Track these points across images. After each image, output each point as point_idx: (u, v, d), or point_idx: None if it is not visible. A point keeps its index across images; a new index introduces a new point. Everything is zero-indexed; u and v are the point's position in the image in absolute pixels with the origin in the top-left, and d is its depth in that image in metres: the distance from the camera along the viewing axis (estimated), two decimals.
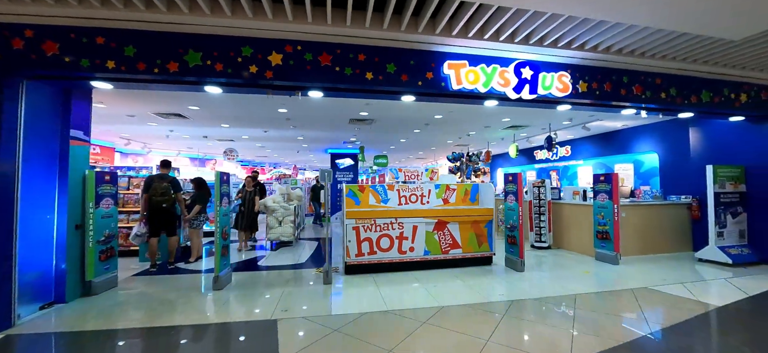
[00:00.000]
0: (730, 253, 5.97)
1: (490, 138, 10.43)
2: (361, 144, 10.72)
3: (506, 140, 11.15)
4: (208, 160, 13.79)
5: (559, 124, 8.41)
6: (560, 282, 5.07)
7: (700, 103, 5.25)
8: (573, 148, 10.53)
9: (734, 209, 6.27)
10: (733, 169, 6.33)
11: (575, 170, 11.03)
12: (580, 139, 10.42)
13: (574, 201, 7.44)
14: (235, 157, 10.48)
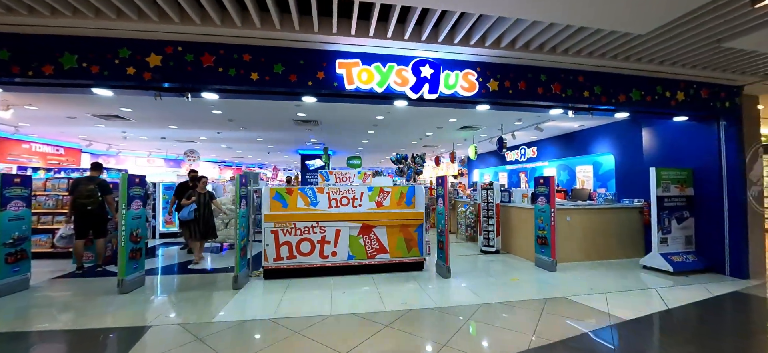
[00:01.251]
0: (672, 261, 5.60)
1: (455, 138, 10.15)
2: (325, 145, 10.59)
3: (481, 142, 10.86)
4: (182, 161, 13.87)
5: (511, 125, 8.09)
6: (479, 290, 4.81)
7: (630, 101, 4.92)
8: (539, 149, 10.16)
9: (680, 214, 5.88)
10: (680, 171, 5.95)
11: (541, 171, 10.64)
12: (545, 139, 10.04)
13: (522, 204, 7.13)
14: (196, 158, 10.46)
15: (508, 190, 7.49)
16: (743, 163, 5.45)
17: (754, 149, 5.62)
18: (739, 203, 5.43)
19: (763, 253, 5.63)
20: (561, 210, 6.49)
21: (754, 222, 5.55)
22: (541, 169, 10.39)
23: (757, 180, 5.62)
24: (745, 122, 5.56)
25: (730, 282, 5.16)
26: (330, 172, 6.10)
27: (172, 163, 14.12)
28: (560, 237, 6.37)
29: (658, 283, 5.12)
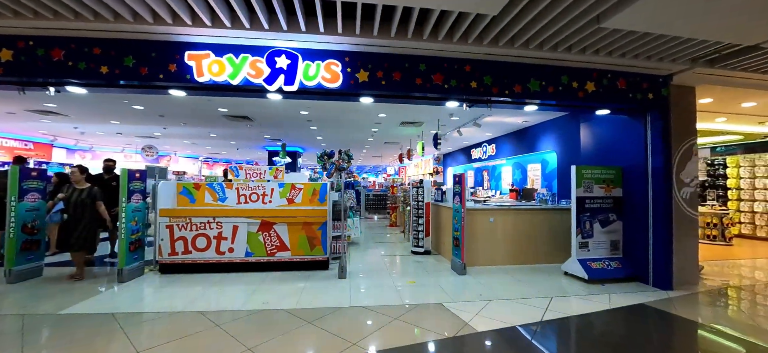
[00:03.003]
0: (590, 267, 5.09)
1: (398, 134, 9.71)
2: (283, 142, 10.51)
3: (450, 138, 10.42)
4: (162, 156, 14.22)
5: (447, 119, 7.63)
6: (359, 293, 4.55)
7: (528, 92, 4.46)
8: (497, 146, 9.61)
9: (605, 216, 5.34)
10: (607, 170, 5.39)
11: (500, 170, 10.05)
12: (502, 137, 9.48)
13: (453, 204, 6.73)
14: (154, 154, 10.66)
15: (440, 189, 7.11)
16: (670, 162, 4.85)
17: (687, 146, 5.00)
18: (663, 206, 4.84)
19: (694, 261, 5.01)
20: (484, 210, 6.08)
21: (685, 227, 4.94)
22: (500, 167, 9.82)
23: (689, 180, 5.00)
24: (676, 116, 4.94)
25: (648, 293, 4.61)
26: (240, 167, 5.98)
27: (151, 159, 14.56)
28: (483, 239, 5.98)
29: (565, 291, 4.65)
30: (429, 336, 3.32)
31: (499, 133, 9.27)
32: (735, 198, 9.55)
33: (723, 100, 5.89)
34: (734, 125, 7.97)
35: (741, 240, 8.93)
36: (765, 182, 8.93)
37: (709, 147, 10.25)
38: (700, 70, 4.66)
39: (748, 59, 4.42)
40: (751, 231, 9.18)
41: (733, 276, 5.57)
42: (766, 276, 5.61)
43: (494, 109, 6.77)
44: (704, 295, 4.55)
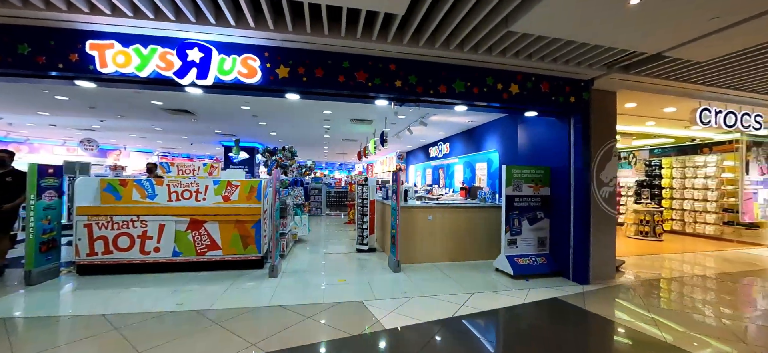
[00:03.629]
0: (517, 263, 5.26)
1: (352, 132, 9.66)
2: (237, 137, 10.22)
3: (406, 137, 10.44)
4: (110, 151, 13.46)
5: (395, 118, 7.67)
6: (286, 292, 4.47)
7: (453, 93, 4.52)
8: (451, 145, 9.77)
9: (533, 214, 5.53)
10: (536, 170, 5.57)
11: (453, 168, 10.24)
12: (455, 136, 9.65)
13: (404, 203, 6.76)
14: (94, 148, 10.07)
15: (385, 186, 7.13)
16: (589, 162, 5.07)
17: (607, 148, 5.25)
18: (583, 204, 5.06)
19: (612, 257, 5.28)
20: (424, 208, 6.15)
21: (604, 225, 5.19)
22: (453, 166, 10.01)
23: (608, 180, 5.25)
24: (597, 119, 5.17)
25: (565, 288, 4.81)
26: (171, 162, 5.73)
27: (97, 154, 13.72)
28: (422, 236, 6.04)
29: (490, 287, 4.78)
30: (332, 334, 3.30)
31: (452, 133, 9.42)
32: (668, 197, 10.18)
33: (646, 105, 6.22)
34: (665, 129, 8.47)
35: (672, 236, 9.54)
36: (693, 182, 9.57)
37: (647, 149, 10.87)
38: (617, 76, 4.89)
39: (657, 67, 4.68)
40: (680, 227, 9.83)
41: (649, 269, 5.92)
42: (678, 269, 6.00)
43: (438, 109, 6.84)
44: (614, 289, 4.80)
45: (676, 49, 3.97)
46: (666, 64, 4.57)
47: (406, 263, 5.90)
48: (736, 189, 8.39)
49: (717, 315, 3.92)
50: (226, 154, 11.70)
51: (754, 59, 4.38)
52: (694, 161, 9.60)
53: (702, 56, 4.18)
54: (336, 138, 10.88)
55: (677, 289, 4.91)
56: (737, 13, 3.19)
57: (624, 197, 11.42)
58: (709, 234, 9.13)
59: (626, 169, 11.75)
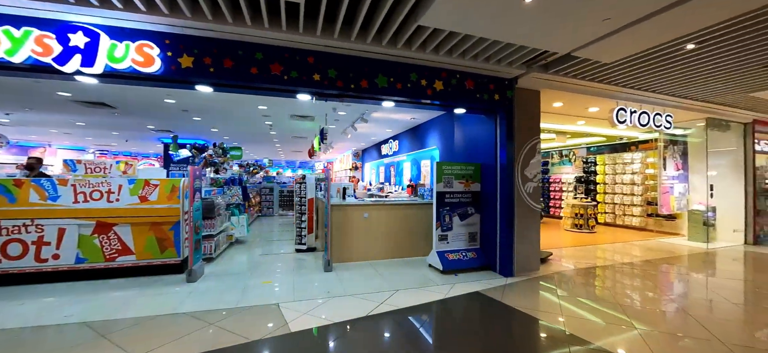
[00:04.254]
0: (446, 259, 5.29)
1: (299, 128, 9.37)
2: (175, 133, 9.58)
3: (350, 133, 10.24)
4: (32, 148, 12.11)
5: (335, 114, 7.53)
6: (200, 297, 4.17)
7: (375, 88, 4.43)
8: (399, 143, 9.78)
9: (464, 210, 5.59)
10: (466, 166, 5.64)
11: (402, 166, 10.29)
12: (403, 133, 9.68)
13: (338, 200, 6.60)
14: (3, 144, 9.04)
15: (322, 184, 6.94)
16: (514, 159, 5.20)
17: (531, 145, 5.40)
18: (507, 199, 5.18)
19: (536, 250, 5.46)
20: (360, 206, 6.03)
21: (528, 219, 5.34)
22: (402, 163, 10.05)
23: (533, 176, 5.41)
24: (522, 116, 5.30)
25: (490, 281, 4.89)
26: (77, 161, 5.19)
27: (15, 150, 12.30)
28: (359, 234, 5.93)
29: (418, 283, 4.74)
30: (230, 341, 3.08)
31: (400, 130, 9.41)
32: (602, 192, 10.84)
33: (571, 105, 6.51)
34: (595, 128, 8.96)
35: (604, 228, 10.16)
36: (622, 178, 10.25)
37: (584, 147, 11.51)
38: (538, 75, 5.03)
39: (572, 67, 4.87)
40: (612, 219, 10.50)
41: (573, 260, 6.20)
42: (602, 258, 6.33)
43: (375, 106, 6.74)
44: (535, 281, 4.94)
45: (582, 50, 4.12)
46: (580, 64, 4.76)
47: (341, 262, 5.76)
48: (656, 183, 9.07)
49: (621, 303, 4.13)
50: (166, 151, 10.95)
51: (655, 62, 4.67)
52: (623, 158, 10.28)
53: (607, 57, 4.39)
54: (285, 135, 10.51)
55: (591, 279, 5.14)
56: (627, 16, 3.34)
57: (564, 193, 12.04)
58: (635, 225, 9.82)
59: (567, 165, 12.40)
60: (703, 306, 4.05)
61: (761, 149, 8.48)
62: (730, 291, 4.58)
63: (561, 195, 12.14)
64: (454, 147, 6.62)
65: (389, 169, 10.94)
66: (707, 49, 4.18)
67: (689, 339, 3.24)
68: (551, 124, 8.20)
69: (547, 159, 13.02)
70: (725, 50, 4.22)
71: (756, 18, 3.47)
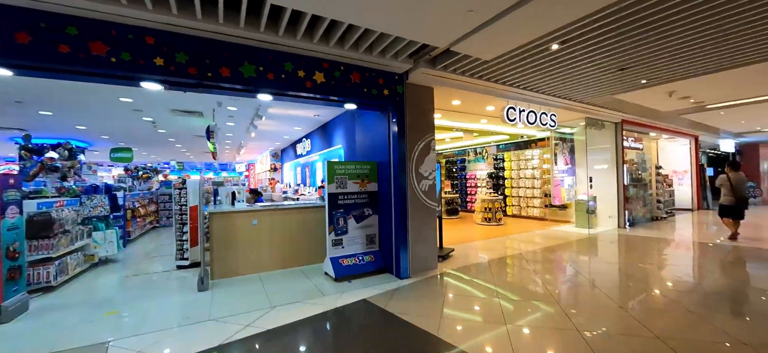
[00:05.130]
0: (340, 265, 4.89)
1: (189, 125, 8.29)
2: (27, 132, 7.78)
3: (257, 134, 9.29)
4: None
5: (225, 109, 6.74)
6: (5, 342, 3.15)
7: (240, 78, 3.82)
8: (312, 142, 9.25)
9: (360, 211, 5.26)
10: (362, 165, 5.32)
11: (315, 165, 9.81)
12: (313, 132, 9.19)
13: (229, 207, 5.79)
14: None
15: (215, 191, 6.09)
16: (407, 156, 5.00)
17: (426, 142, 5.28)
18: (401, 198, 4.97)
19: (433, 248, 5.36)
20: (248, 212, 5.34)
21: (425, 217, 5.21)
22: (315, 163, 9.54)
23: (428, 173, 5.30)
24: (415, 113, 5.14)
25: (385, 285, 4.60)
26: None
27: None
28: (246, 244, 5.23)
29: (301, 296, 4.24)
30: None
31: (311, 128, 8.86)
32: (510, 186, 11.55)
33: (470, 103, 6.61)
34: (497, 126, 9.42)
35: (512, 220, 10.80)
36: (525, 173, 11.02)
37: (495, 144, 12.17)
38: (428, 71, 4.88)
39: (457, 62, 4.80)
40: (518, 211, 11.24)
41: (474, 254, 6.28)
42: (500, 249, 6.51)
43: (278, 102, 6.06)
44: (428, 282, 4.79)
45: (460, 45, 4.03)
46: (465, 61, 4.72)
47: (224, 277, 5.03)
48: (550, 177, 9.87)
49: (504, 296, 4.12)
50: (21, 151, 8.81)
51: (532, 63, 4.82)
52: (525, 155, 11.05)
53: (487, 54, 4.38)
54: (183, 134, 9.19)
55: (483, 273, 5.17)
56: (488, 7, 3.25)
57: (479, 188, 12.61)
58: (536, 215, 10.61)
59: (481, 162, 13.00)
60: (578, 293, 4.23)
61: (629, 145, 9.72)
62: (604, 275, 4.93)
63: (476, 190, 12.70)
64: (355, 145, 6.27)
65: (305, 170, 10.28)
66: (571, 49, 4.39)
67: (559, 330, 3.26)
68: (457, 122, 8.36)
69: (463, 156, 13.55)
70: (586, 52, 4.48)
71: (607, 18, 3.65)
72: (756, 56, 4.74)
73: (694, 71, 5.35)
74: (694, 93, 6.76)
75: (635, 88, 6.16)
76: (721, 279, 4.71)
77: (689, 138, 12.43)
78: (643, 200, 9.87)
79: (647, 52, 4.56)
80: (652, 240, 7.31)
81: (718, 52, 4.60)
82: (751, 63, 4.95)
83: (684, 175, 12.80)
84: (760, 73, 5.46)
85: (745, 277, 4.81)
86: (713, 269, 5.22)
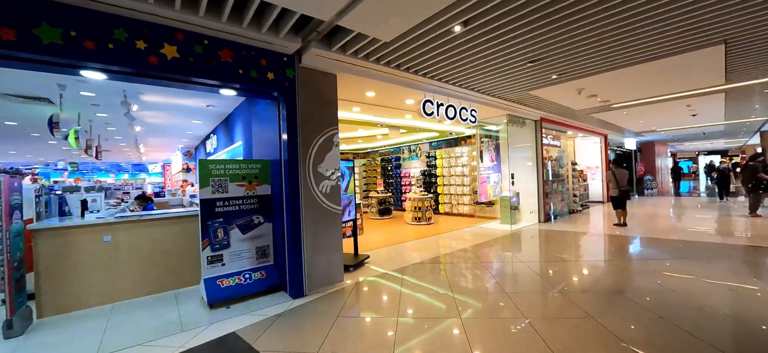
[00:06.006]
0: (218, 287, 3.95)
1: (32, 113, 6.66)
2: None
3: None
4: None
5: (79, 94, 5.35)
6: None
7: (37, 45, 2.71)
8: (217, 138, 8.05)
9: (247, 219, 4.35)
10: (248, 164, 4.42)
11: None
12: (218, 126, 8.03)
13: (78, 220, 4.47)
14: None
15: (61, 199, 4.72)
16: (299, 153, 4.21)
17: (327, 136, 4.54)
18: (295, 202, 4.17)
19: (338, 259, 4.65)
20: (96, 226, 4.12)
21: (326, 224, 4.47)
22: None
23: (330, 173, 4.57)
24: (311, 102, 4.37)
25: (272, 308, 3.78)
26: None
27: None
28: (95, 268, 4.03)
29: (153, 333, 3.24)
30: None
31: (216, 122, 7.66)
32: (442, 183, 11.35)
33: (385, 95, 6.01)
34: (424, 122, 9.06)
35: (443, 217, 10.58)
36: (455, 170, 10.89)
37: (427, 142, 11.91)
38: (322, 53, 4.13)
39: (354, 42, 4.11)
40: (450, 209, 11.08)
41: (391, 261, 5.70)
42: (420, 253, 6.01)
43: (157, 88, 4.86)
44: (328, 299, 4.06)
45: (347, 18, 3.34)
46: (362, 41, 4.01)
47: (60, 312, 3.81)
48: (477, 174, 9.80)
49: (408, 319, 3.53)
50: None
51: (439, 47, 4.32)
52: (455, 152, 10.91)
53: (384, 34, 3.76)
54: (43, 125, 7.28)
55: (391, 286, 4.59)
56: None
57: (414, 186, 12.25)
58: (466, 213, 10.51)
59: (415, 160, 12.67)
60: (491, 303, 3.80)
61: (549, 143, 10.01)
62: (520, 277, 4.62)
63: (411, 188, 12.34)
64: (253, 141, 5.31)
65: None
66: (477, 35, 3.95)
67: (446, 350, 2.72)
68: (381, 117, 7.78)
69: (398, 154, 13.13)
70: (494, 39, 4.09)
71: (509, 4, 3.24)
72: (653, 53, 4.77)
73: (598, 68, 5.33)
74: (600, 91, 6.94)
75: (547, 84, 6.07)
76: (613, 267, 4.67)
77: (600, 136, 13.39)
78: (562, 195, 10.26)
79: (555, 45, 4.33)
80: (568, 234, 7.41)
81: (620, 50, 4.54)
82: (648, 60, 5.01)
83: (596, 171, 13.79)
84: (655, 72, 5.64)
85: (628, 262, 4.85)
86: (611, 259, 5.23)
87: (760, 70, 5.84)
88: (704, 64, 5.27)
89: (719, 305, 3.46)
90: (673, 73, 5.79)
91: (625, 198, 7.98)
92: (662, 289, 3.92)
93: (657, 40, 4.29)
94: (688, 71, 5.64)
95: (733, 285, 3.98)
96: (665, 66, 5.25)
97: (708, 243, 5.97)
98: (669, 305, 3.49)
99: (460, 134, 10.46)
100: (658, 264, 4.87)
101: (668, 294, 3.76)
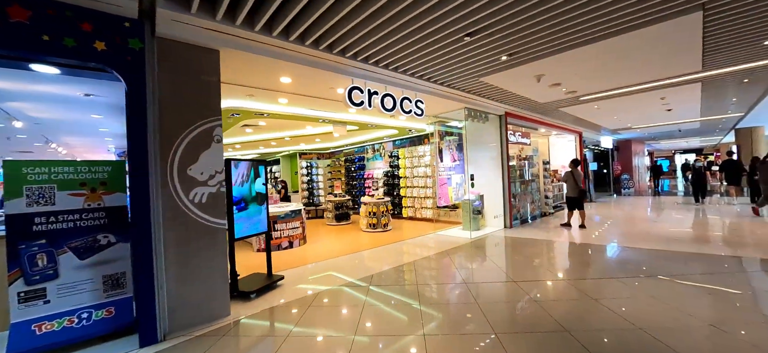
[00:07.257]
0: (32, 334, 2.84)
1: None
2: None
3: None
4: None
5: None
6: None
7: None
8: None
9: (88, 240, 3.24)
10: (91, 166, 3.32)
11: None
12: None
13: None
14: None
15: None
16: (145, 150, 3.14)
17: (202, 130, 3.46)
18: (145, 215, 3.09)
19: (222, 286, 3.58)
20: None
21: (202, 244, 3.40)
22: None
23: (208, 177, 3.50)
24: (178, 85, 3.31)
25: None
26: None
27: None
28: None
29: None
30: None
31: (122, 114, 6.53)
32: (405, 186, 10.36)
33: (309, 82, 4.99)
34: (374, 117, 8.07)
35: (407, 223, 9.56)
36: (418, 171, 9.91)
37: (391, 140, 10.91)
38: (181, 16, 3.09)
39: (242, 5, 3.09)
40: (414, 213, 10.09)
41: (311, 283, 4.67)
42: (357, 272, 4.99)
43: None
44: (191, 347, 3.01)
45: None
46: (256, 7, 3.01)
47: None
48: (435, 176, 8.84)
49: None
50: None
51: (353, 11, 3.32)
52: (418, 151, 9.94)
53: None
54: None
55: (289, 323, 3.56)
56: None
57: (378, 189, 11.24)
58: (429, 217, 9.53)
59: (379, 160, 11.65)
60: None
61: (517, 140, 9.12)
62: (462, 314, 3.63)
63: (374, 191, 11.32)
64: None
65: None
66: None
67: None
68: (317, 111, 6.75)
69: (362, 154, 12.10)
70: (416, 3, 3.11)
71: None
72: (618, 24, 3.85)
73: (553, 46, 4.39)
74: (564, 80, 6.05)
75: (499, 68, 5.12)
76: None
77: (574, 134, 12.62)
78: (532, 196, 9.38)
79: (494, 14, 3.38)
80: (531, 244, 6.49)
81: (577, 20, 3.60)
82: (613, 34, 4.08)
83: None
84: (623, 53, 4.74)
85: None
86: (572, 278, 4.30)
87: (741, 53, 5.01)
88: (681, 40, 4.38)
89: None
90: (645, 56, 4.91)
91: (583, 199, 7.92)
92: (626, 327, 2.97)
93: (622, 4, 3.36)
94: (660, 52, 4.76)
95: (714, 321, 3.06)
96: (633, 43, 4.35)
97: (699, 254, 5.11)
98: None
99: (422, 131, 9.49)
100: (625, 287, 3.94)
101: (633, 335, 2.81)
